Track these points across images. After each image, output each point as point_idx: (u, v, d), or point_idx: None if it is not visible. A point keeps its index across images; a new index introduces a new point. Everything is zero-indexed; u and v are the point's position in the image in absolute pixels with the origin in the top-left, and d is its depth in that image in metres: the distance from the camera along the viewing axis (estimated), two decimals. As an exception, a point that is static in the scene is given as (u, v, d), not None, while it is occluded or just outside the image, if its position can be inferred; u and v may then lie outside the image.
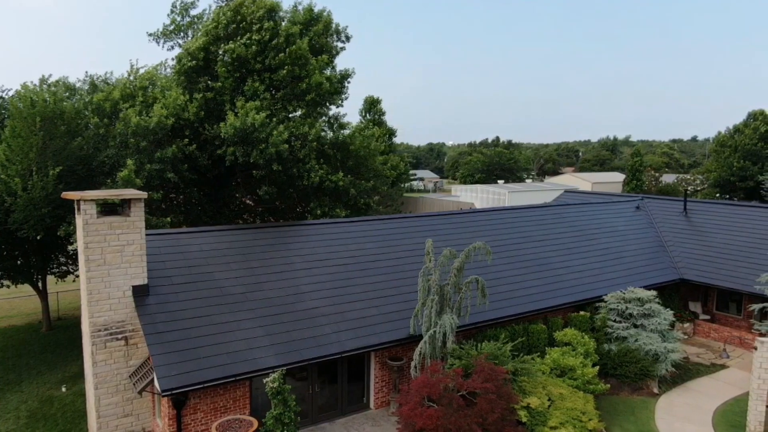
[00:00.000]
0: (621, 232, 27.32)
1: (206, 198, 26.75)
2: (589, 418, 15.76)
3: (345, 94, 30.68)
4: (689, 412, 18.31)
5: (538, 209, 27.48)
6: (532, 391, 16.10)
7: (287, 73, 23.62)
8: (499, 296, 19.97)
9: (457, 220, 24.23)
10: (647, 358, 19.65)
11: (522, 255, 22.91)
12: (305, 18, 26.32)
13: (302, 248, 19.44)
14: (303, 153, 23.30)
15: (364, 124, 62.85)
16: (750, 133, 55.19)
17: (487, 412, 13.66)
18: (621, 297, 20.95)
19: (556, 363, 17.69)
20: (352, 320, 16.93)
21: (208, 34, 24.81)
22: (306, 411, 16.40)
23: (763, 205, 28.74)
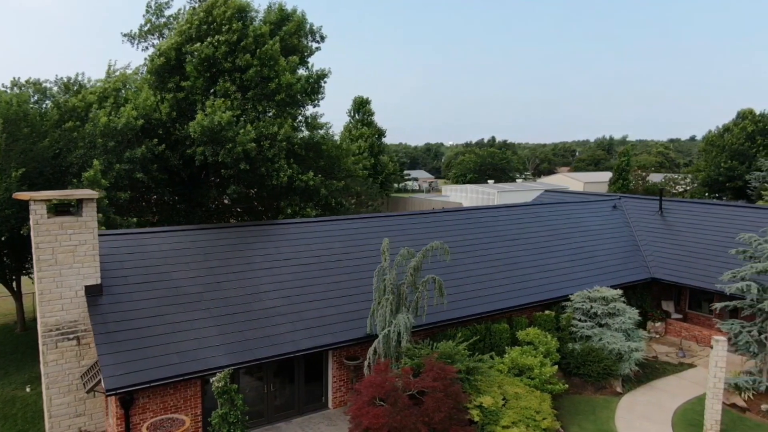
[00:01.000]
0: (595, 232, 27.31)
1: (181, 198, 26.77)
2: (543, 417, 15.75)
3: (321, 94, 30.72)
4: (650, 411, 18.28)
5: (512, 209, 27.47)
6: (487, 391, 16.09)
7: (255, 73, 23.63)
8: (463, 295, 19.96)
9: (427, 220, 24.23)
10: (611, 357, 19.63)
11: (491, 254, 22.90)
12: (277, 18, 26.33)
13: (266, 248, 19.44)
14: (271, 153, 23.31)
15: (353, 124, 63.29)
16: (738, 132, 55.12)
17: (433, 411, 13.65)
18: (586, 296, 20.94)
19: (514, 362, 17.67)
20: (310, 320, 16.93)
21: (181, 35, 24.84)
22: (262, 410, 16.42)
23: (737, 204, 28.73)
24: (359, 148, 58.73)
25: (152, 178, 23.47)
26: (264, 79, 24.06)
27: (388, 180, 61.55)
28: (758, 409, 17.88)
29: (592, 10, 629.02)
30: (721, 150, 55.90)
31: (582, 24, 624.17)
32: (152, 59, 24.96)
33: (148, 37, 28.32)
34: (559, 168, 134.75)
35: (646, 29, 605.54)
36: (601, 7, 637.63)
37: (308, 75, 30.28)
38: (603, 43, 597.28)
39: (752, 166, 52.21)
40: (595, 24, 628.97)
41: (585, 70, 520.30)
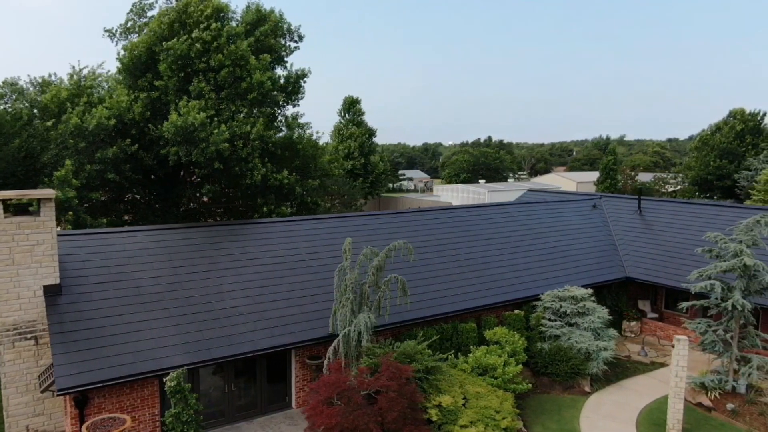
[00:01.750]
0: (572, 231, 27.26)
1: (157, 198, 26.78)
2: (503, 417, 15.72)
3: (301, 94, 30.73)
4: (616, 411, 18.25)
5: (488, 208, 27.44)
6: (448, 390, 16.07)
7: (228, 72, 23.62)
8: (431, 295, 19.93)
9: (400, 220, 24.21)
10: (579, 356, 19.60)
11: (463, 254, 22.87)
12: (253, 18, 26.32)
13: (232, 248, 19.43)
14: (245, 152, 23.29)
15: (343, 124, 63.26)
16: (727, 131, 55.05)
17: (386, 410, 13.63)
18: (556, 295, 20.91)
19: (477, 362, 17.65)
20: (271, 319, 16.92)
21: (153, 32, 24.85)
22: (223, 410, 16.41)
23: (714, 203, 28.68)
24: (348, 148, 58.76)
25: (126, 178, 23.47)
26: (237, 79, 24.05)
27: (378, 180, 61.53)
28: (724, 409, 17.84)
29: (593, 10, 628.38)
30: (712, 149, 55.83)
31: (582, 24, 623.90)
32: (122, 57, 24.97)
33: (129, 36, 28.33)
34: (555, 168, 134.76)
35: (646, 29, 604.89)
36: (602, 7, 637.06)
37: (288, 75, 30.34)
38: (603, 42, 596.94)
39: (741, 165, 52.12)
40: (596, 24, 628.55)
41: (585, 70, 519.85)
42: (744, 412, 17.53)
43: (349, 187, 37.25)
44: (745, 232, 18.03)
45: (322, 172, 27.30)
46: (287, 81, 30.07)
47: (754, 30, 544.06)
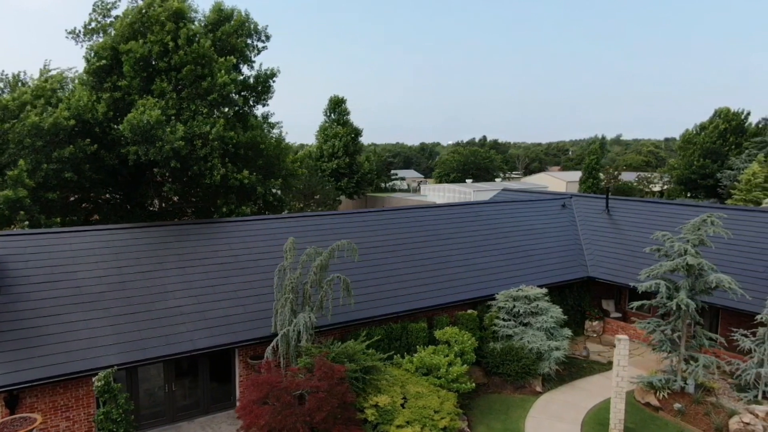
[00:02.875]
0: (538, 231, 27.20)
1: (123, 197, 26.76)
2: (441, 417, 15.66)
3: (270, 94, 30.72)
4: (564, 411, 18.20)
5: (455, 207, 27.39)
6: (388, 390, 16.04)
7: (188, 72, 23.57)
8: (383, 294, 19.89)
9: (360, 220, 24.15)
10: (530, 356, 19.54)
11: (422, 253, 22.81)
12: (215, 18, 26.27)
13: (182, 247, 19.40)
14: (203, 152, 23.26)
15: (328, 124, 63.24)
16: (711, 130, 54.94)
17: (314, 410, 13.59)
18: (510, 295, 20.85)
19: (422, 362, 17.59)
20: (213, 319, 16.89)
21: (115, 34, 24.83)
22: (164, 410, 16.38)
23: (681, 202, 28.60)
24: (333, 147, 58.71)
25: (86, 178, 23.44)
26: (198, 78, 24.00)
27: (364, 179, 61.47)
28: (671, 408, 17.77)
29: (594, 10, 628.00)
30: (696, 148, 55.74)
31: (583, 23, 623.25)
32: (88, 59, 24.95)
33: (93, 37, 28.28)
34: (550, 167, 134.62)
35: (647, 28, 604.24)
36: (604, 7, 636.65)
37: (257, 74, 30.31)
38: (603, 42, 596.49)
39: (724, 165, 52.01)
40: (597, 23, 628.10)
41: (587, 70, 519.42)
42: (690, 412, 17.48)
43: (321, 186, 37.25)
44: (692, 231, 17.97)
45: (286, 172, 27.25)
46: (257, 81, 30.07)
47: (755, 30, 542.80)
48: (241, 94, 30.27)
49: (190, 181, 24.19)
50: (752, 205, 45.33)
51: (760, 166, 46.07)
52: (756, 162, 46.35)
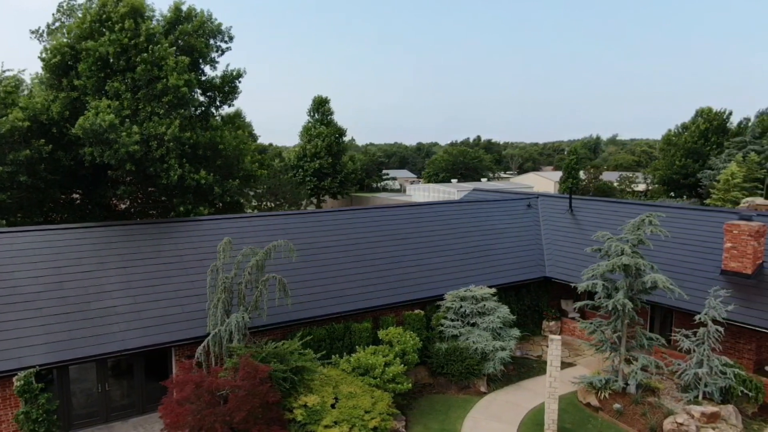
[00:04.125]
0: (499, 230, 27.17)
1: (85, 198, 26.78)
2: (372, 417, 15.64)
3: (236, 94, 30.76)
4: (505, 411, 18.18)
5: (414, 207, 27.37)
6: (320, 390, 16.03)
7: (143, 71, 23.58)
8: (328, 294, 19.89)
9: (316, 219, 24.16)
10: (475, 356, 19.52)
11: (374, 253, 22.80)
12: (173, 18, 26.28)
13: (126, 247, 19.42)
14: (159, 153, 23.27)
15: (312, 123, 63.23)
16: (693, 130, 54.81)
17: (233, 410, 13.61)
18: (458, 295, 20.82)
19: (358, 362, 17.57)
20: (149, 318, 16.91)
21: (72, 33, 24.86)
22: (97, 410, 16.40)
23: (642, 203, 28.56)
24: (316, 147, 58.71)
25: (42, 179, 23.46)
26: (153, 80, 24.01)
27: (347, 179, 61.46)
28: (610, 408, 17.75)
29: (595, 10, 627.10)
30: (678, 149, 55.64)
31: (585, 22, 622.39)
32: (45, 57, 24.98)
33: (57, 36, 28.33)
34: (544, 167, 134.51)
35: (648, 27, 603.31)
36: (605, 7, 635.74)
37: (224, 75, 30.35)
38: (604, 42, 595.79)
39: (705, 165, 51.89)
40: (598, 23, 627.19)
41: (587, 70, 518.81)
42: (629, 412, 17.44)
43: (291, 186, 37.28)
44: (632, 231, 17.94)
45: (245, 173, 27.25)
46: (223, 81, 30.11)
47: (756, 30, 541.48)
48: (206, 94, 30.34)
49: (147, 182, 24.20)
50: (730, 205, 45.26)
51: (739, 166, 45.97)
52: (734, 162, 46.25)
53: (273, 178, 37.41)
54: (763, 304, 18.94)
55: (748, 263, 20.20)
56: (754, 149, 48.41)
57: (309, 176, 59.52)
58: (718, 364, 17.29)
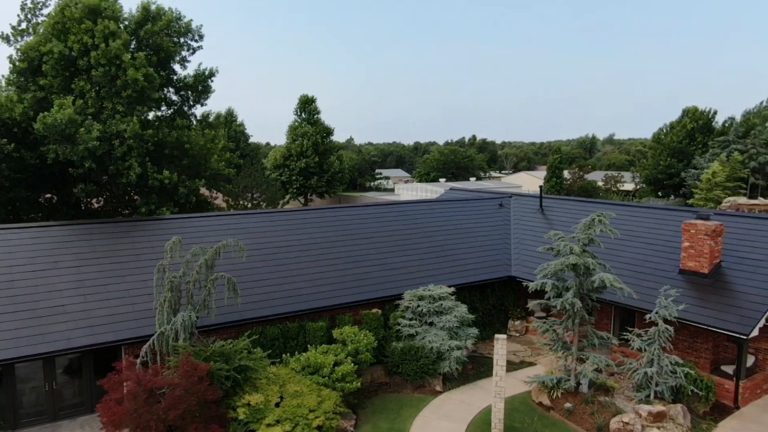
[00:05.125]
0: (467, 230, 27.16)
1: (53, 197, 26.81)
2: (316, 416, 15.66)
3: (208, 94, 30.80)
4: (457, 410, 18.19)
5: (380, 207, 27.36)
6: (265, 389, 16.06)
7: (103, 71, 23.60)
8: (284, 293, 19.90)
9: (279, 218, 24.17)
10: (431, 355, 19.53)
11: (335, 252, 22.81)
12: (140, 17, 26.29)
13: (82, 246, 19.46)
14: (120, 151, 23.30)
15: (298, 123, 63.24)
16: (678, 130, 54.72)
17: (169, 408, 13.64)
18: (415, 294, 20.83)
19: (307, 361, 17.60)
20: (98, 317, 16.94)
21: (39, 34, 24.91)
22: (45, 408, 16.44)
23: (611, 202, 28.53)
24: (302, 146, 58.73)
25: (4, 177, 23.49)
26: (113, 77, 24.02)
27: (334, 178, 61.48)
28: (561, 408, 17.76)
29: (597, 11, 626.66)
30: (664, 148, 55.58)
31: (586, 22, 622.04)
32: (13, 62, 25.03)
33: (23, 37, 28.35)
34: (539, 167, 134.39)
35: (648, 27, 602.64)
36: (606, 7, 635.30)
37: (196, 74, 30.37)
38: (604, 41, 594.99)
39: (690, 164, 51.82)
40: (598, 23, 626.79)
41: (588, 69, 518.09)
42: (578, 412, 17.45)
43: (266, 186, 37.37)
44: (583, 231, 17.94)
45: (211, 172, 27.25)
46: (196, 80, 30.14)
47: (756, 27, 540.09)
48: (179, 93, 30.37)
49: (110, 181, 24.23)
50: (713, 204, 45.20)
51: (721, 166, 45.91)
52: (717, 161, 46.18)
53: (249, 177, 37.59)
54: (718, 303, 18.95)
55: (705, 263, 20.19)
56: (737, 149, 48.34)
57: (295, 175, 59.61)
58: (668, 364, 17.28)
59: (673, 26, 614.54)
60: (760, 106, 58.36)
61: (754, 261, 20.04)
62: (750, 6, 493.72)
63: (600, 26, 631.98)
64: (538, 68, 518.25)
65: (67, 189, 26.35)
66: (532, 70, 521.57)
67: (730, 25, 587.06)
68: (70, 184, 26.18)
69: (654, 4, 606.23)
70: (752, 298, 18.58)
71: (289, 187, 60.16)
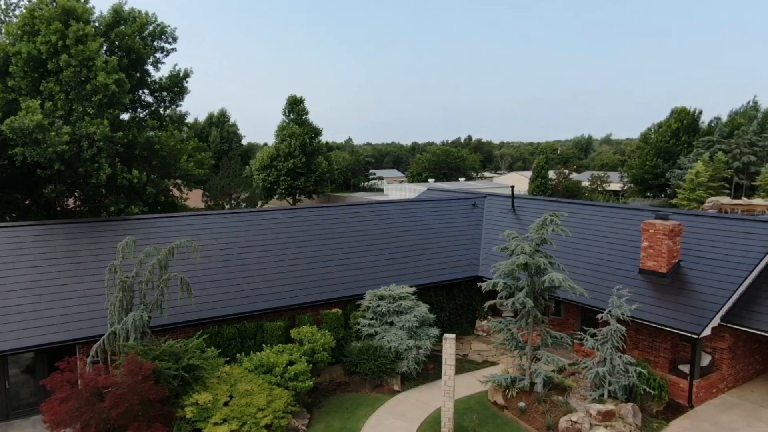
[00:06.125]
0: (437, 230, 27.26)
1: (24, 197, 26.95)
2: (264, 415, 15.75)
3: (184, 94, 30.94)
4: (411, 409, 18.27)
5: (350, 207, 27.45)
6: (215, 387, 16.17)
7: (72, 73, 23.72)
8: (243, 293, 20.02)
9: (250, 219, 24.29)
10: (389, 355, 19.61)
11: (300, 252, 22.92)
12: (111, 19, 26.40)
13: (40, 247, 19.60)
14: (89, 153, 23.42)
15: (286, 123, 63.37)
16: (664, 129, 54.71)
17: (110, 407, 13.75)
18: (376, 294, 20.92)
19: (261, 360, 17.70)
20: (52, 317, 17.07)
21: (9, 35, 25.04)
22: (-2, 407, 16.57)
23: (579, 202, 28.60)
24: (289, 147, 58.86)
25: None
26: (84, 81, 24.15)
27: (322, 178, 61.57)
28: (514, 407, 17.83)
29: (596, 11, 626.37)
30: (651, 148, 55.61)
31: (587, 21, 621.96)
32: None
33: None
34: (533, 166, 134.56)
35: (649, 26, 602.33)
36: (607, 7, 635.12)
37: (170, 75, 30.52)
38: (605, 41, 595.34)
39: (676, 164, 51.84)
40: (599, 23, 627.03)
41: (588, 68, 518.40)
42: (531, 411, 17.53)
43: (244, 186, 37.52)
44: (536, 231, 18.03)
45: (181, 173, 27.38)
46: (171, 81, 30.29)
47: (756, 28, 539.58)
48: (154, 95, 30.52)
49: (79, 181, 24.34)
50: (696, 204, 45.22)
51: (704, 166, 45.91)
52: (701, 161, 46.17)
53: (227, 178, 37.77)
54: (674, 303, 19.03)
55: (663, 262, 20.27)
56: (721, 148, 48.31)
57: (283, 176, 59.74)
58: (620, 363, 17.35)
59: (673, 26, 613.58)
60: (746, 106, 58.38)
61: (712, 261, 20.12)
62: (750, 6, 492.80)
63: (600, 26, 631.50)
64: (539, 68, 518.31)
65: (37, 190, 26.49)
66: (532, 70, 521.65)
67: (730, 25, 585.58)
68: (40, 185, 26.33)
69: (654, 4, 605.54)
70: (707, 298, 18.67)
71: (276, 187, 60.34)
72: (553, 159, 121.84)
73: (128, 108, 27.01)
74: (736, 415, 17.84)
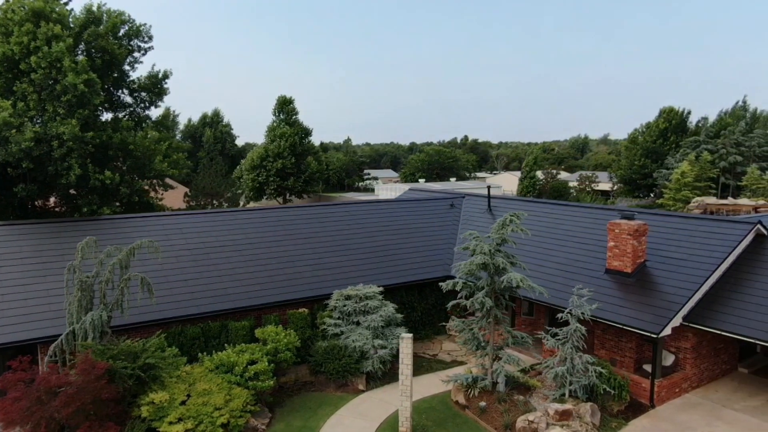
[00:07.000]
0: (412, 230, 27.30)
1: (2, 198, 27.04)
2: (221, 414, 15.82)
3: (164, 95, 31.02)
4: (373, 409, 18.32)
5: (324, 207, 27.50)
6: (173, 387, 16.23)
7: (43, 74, 23.79)
8: (209, 293, 20.08)
9: (222, 219, 24.34)
10: (354, 355, 19.67)
11: (270, 252, 22.97)
12: (84, 19, 26.46)
13: (6, 247, 19.67)
14: (59, 152, 23.49)
15: (276, 123, 63.45)
16: (652, 129, 54.72)
17: (62, 406, 13.82)
18: (343, 294, 20.98)
19: (221, 360, 17.76)
20: (12, 317, 17.17)
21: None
22: (-42, 407, 16.63)
23: (555, 202, 28.63)
24: (279, 147, 58.94)
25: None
26: (54, 81, 24.23)
27: (311, 179, 61.66)
28: (475, 407, 17.88)
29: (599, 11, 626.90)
30: (639, 148, 55.62)
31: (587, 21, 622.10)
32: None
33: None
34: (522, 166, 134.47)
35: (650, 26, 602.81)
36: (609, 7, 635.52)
37: (150, 75, 30.60)
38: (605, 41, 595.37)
39: (663, 164, 51.84)
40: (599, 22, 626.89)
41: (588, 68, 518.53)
42: (491, 410, 17.58)
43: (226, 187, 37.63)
44: (497, 231, 18.09)
45: (155, 173, 27.44)
46: (150, 82, 30.38)
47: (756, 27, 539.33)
48: (133, 95, 30.61)
49: (49, 181, 24.42)
50: (681, 204, 45.23)
51: (690, 166, 45.91)
52: (686, 161, 46.18)
53: (208, 178, 37.87)
54: (637, 303, 19.07)
55: (629, 262, 20.31)
56: (707, 149, 48.30)
57: (272, 176, 59.87)
58: (579, 363, 17.40)
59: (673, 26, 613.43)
60: (735, 106, 58.37)
61: (677, 261, 20.15)
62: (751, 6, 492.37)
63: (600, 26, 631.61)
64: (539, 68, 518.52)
65: (8, 189, 26.53)
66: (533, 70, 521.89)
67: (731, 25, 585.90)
68: (11, 184, 26.37)
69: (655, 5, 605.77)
70: (669, 298, 18.71)
71: (266, 187, 60.50)
72: (549, 159, 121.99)
73: (101, 108, 27.05)
74: (697, 414, 17.87)
